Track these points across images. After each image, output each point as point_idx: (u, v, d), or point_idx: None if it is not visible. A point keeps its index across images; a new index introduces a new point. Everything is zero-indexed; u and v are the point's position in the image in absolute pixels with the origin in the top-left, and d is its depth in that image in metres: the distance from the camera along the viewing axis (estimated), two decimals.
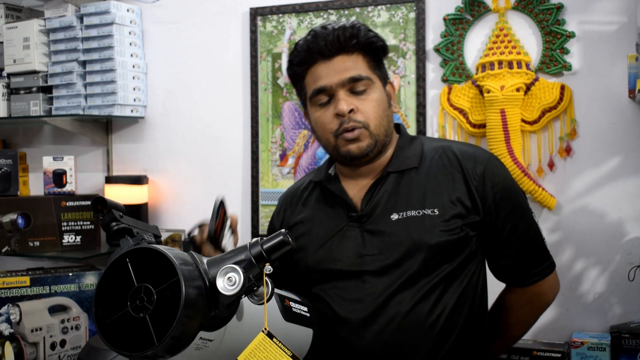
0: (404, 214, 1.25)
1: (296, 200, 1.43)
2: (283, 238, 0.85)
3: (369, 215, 1.28)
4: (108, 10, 2.40)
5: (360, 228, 1.28)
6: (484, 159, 1.30)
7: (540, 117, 1.96)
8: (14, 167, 2.53)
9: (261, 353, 0.85)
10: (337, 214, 1.32)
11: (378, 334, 1.21)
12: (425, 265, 1.22)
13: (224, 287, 0.79)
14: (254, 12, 2.35)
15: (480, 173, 1.27)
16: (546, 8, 1.96)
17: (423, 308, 1.21)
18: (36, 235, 2.36)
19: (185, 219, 2.49)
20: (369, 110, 1.26)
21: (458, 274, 1.25)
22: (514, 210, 1.29)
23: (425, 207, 1.24)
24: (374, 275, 1.24)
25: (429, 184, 1.27)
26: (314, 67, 1.28)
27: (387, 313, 1.21)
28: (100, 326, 0.79)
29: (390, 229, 1.25)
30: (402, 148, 1.33)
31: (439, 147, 1.33)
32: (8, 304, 2.05)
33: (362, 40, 1.27)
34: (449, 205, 1.24)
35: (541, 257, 1.34)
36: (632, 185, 1.90)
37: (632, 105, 1.88)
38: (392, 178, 1.30)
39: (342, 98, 1.25)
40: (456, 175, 1.27)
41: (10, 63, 2.51)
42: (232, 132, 2.42)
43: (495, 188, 1.27)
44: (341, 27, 1.27)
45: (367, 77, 1.27)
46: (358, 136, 1.26)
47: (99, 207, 0.93)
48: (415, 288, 1.22)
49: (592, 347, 1.79)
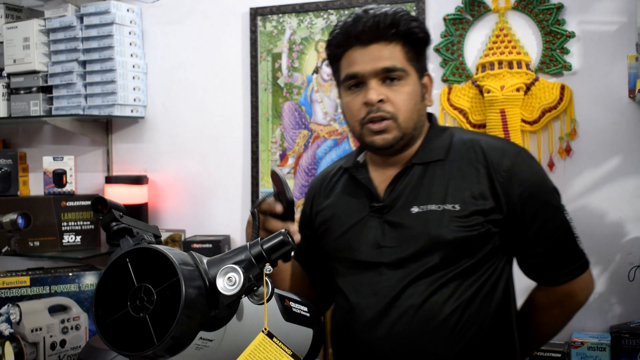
0: (424, 208, 1.23)
1: (325, 186, 1.42)
2: (283, 238, 0.85)
3: (390, 206, 1.26)
4: (108, 10, 2.40)
5: (380, 219, 1.27)
6: (513, 153, 1.25)
7: (540, 117, 1.96)
8: (14, 167, 2.53)
9: (261, 353, 0.85)
10: (361, 203, 1.31)
11: (391, 326, 1.21)
12: (442, 260, 1.20)
13: (224, 287, 0.79)
14: (254, 12, 2.35)
15: (507, 169, 1.23)
16: (546, 8, 1.96)
17: (436, 300, 1.20)
18: (36, 235, 2.36)
19: (185, 219, 2.50)
20: (400, 102, 1.23)
21: (477, 270, 1.22)
22: (543, 208, 1.25)
23: (446, 201, 1.22)
24: (390, 267, 1.23)
25: (452, 178, 1.24)
26: (350, 51, 1.25)
27: (400, 305, 1.21)
28: (100, 326, 0.79)
29: (410, 222, 1.23)
30: (430, 139, 1.30)
31: (468, 140, 1.29)
32: (8, 304, 2.05)
33: (403, 29, 1.23)
34: (471, 200, 1.21)
35: (573, 257, 1.29)
36: (632, 185, 1.90)
37: (632, 105, 1.88)
38: (416, 170, 1.27)
39: (373, 87, 1.23)
40: (481, 170, 1.24)
41: (10, 63, 2.51)
42: (232, 132, 2.42)
43: (523, 185, 1.23)
44: (382, 13, 1.23)
45: (402, 68, 1.23)
46: (385, 128, 1.23)
47: (99, 207, 0.93)
48: (429, 281, 1.20)
49: (592, 347, 1.79)
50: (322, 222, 1.38)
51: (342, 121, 2.25)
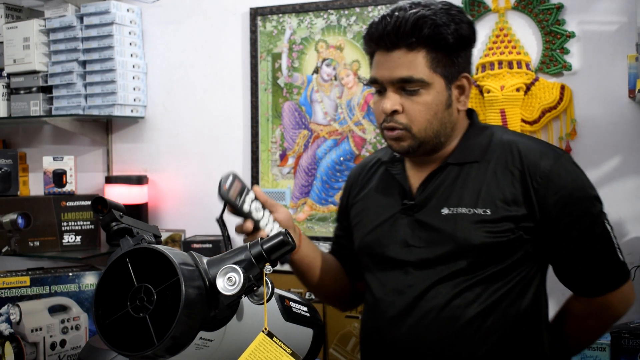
0: (455, 210, 1.20)
1: (362, 177, 1.41)
2: (283, 238, 0.85)
3: (421, 206, 1.24)
4: (108, 10, 2.40)
5: (411, 217, 1.25)
6: (552, 158, 1.19)
7: (540, 117, 1.96)
8: (14, 167, 2.53)
9: (261, 353, 0.85)
10: (393, 199, 1.29)
11: (413, 326, 1.20)
12: (468, 265, 1.18)
13: (224, 287, 0.79)
14: (254, 12, 2.35)
15: (544, 174, 1.17)
16: (546, 8, 1.96)
17: (459, 303, 1.18)
18: (36, 235, 2.36)
19: (185, 219, 2.50)
20: (416, 113, 1.19)
21: (504, 276, 1.19)
22: (580, 218, 1.19)
23: (478, 205, 1.18)
24: (416, 267, 1.22)
25: (486, 181, 1.20)
26: (377, 53, 1.21)
27: (423, 306, 1.20)
28: (100, 326, 0.79)
29: (439, 223, 1.21)
30: (468, 138, 1.26)
31: (507, 142, 1.23)
32: (8, 304, 2.05)
33: (426, 35, 1.15)
34: (502, 206, 1.17)
35: (612, 268, 1.23)
36: (632, 185, 1.90)
37: (632, 105, 1.88)
38: (451, 170, 1.24)
39: (389, 97, 1.20)
40: (516, 175, 1.19)
41: (10, 63, 2.51)
42: (232, 132, 2.42)
43: (560, 192, 1.17)
44: (404, 17, 1.15)
45: (420, 79, 1.17)
46: (398, 136, 1.21)
47: (99, 207, 0.93)
48: (454, 283, 1.19)
49: (592, 347, 1.79)
50: (356, 214, 1.37)
51: (342, 121, 2.25)
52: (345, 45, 2.24)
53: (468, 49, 1.24)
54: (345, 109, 2.24)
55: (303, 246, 1.34)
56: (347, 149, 2.25)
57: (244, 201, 1.20)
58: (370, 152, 2.19)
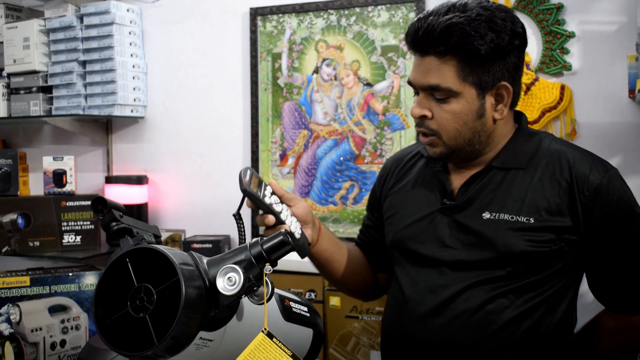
0: (497, 216, 1.18)
1: (400, 168, 1.38)
2: (283, 238, 0.85)
3: (462, 207, 1.22)
4: (108, 10, 2.40)
5: (450, 218, 1.22)
6: (602, 172, 1.18)
7: (540, 117, 1.96)
8: (14, 167, 2.53)
9: (261, 353, 0.85)
10: (433, 196, 1.27)
11: (443, 327, 1.18)
12: (507, 272, 1.16)
13: (224, 287, 0.79)
14: (254, 12, 2.35)
15: (593, 188, 1.15)
16: (546, 8, 1.96)
17: (493, 309, 1.16)
18: (36, 235, 2.36)
19: (185, 219, 2.50)
20: (444, 121, 1.17)
21: (541, 285, 1.17)
22: (626, 235, 1.17)
23: (521, 213, 1.16)
24: (451, 268, 1.20)
25: (531, 189, 1.18)
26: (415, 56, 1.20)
27: (455, 307, 1.18)
28: (100, 326, 0.79)
29: (479, 227, 1.18)
30: (514, 143, 1.23)
31: (556, 151, 1.21)
32: (8, 304, 2.05)
33: (455, 44, 1.12)
34: (547, 216, 1.15)
35: None
36: (632, 186, 1.87)
37: (632, 105, 1.88)
38: (495, 174, 1.21)
39: (419, 101, 1.19)
40: (563, 185, 1.16)
41: (10, 63, 2.51)
42: (232, 132, 2.42)
43: (607, 207, 1.15)
44: (436, 23, 1.12)
45: (448, 88, 1.14)
46: (431, 142, 1.21)
47: (99, 207, 0.93)
48: (489, 288, 1.17)
49: None
50: (390, 207, 1.35)
51: (342, 121, 2.25)
52: (345, 45, 2.24)
53: (508, 58, 1.17)
54: (345, 109, 2.24)
55: (322, 240, 1.32)
56: (347, 149, 2.25)
57: (264, 194, 1.19)
58: (370, 152, 2.19)
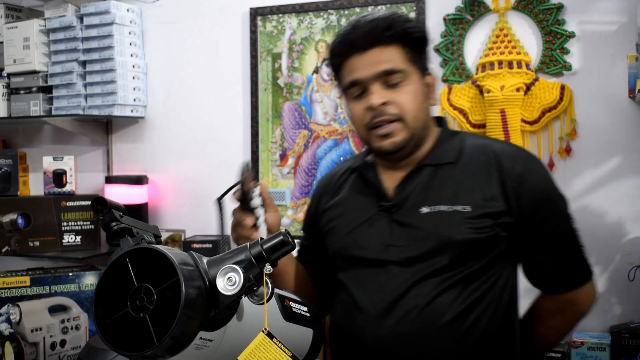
0: (434, 208, 1.23)
1: (333, 185, 1.43)
2: (283, 238, 0.85)
3: (399, 206, 1.27)
4: (108, 10, 2.40)
5: (389, 218, 1.27)
6: (525, 159, 1.27)
7: (540, 117, 1.96)
8: (14, 167, 2.53)
9: (261, 353, 0.85)
10: (369, 202, 1.31)
11: (395, 325, 1.20)
12: (451, 261, 1.21)
13: (224, 287, 0.79)
14: (254, 12, 2.35)
15: (519, 173, 1.23)
16: (546, 8, 1.96)
17: (442, 302, 1.20)
18: (36, 235, 2.36)
19: (185, 219, 2.50)
20: (405, 102, 1.23)
21: (483, 273, 1.22)
22: (552, 215, 1.25)
23: (457, 203, 1.22)
24: (397, 265, 1.23)
25: (464, 180, 1.25)
26: (350, 60, 1.26)
27: (405, 304, 1.20)
28: (100, 326, 0.79)
29: (419, 222, 1.23)
30: (441, 142, 1.31)
31: (480, 145, 1.30)
32: (8, 304, 2.05)
33: (399, 31, 1.23)
34: (482, 203, 1.22)
35: (577, 265, 1.30)
36: (632, 185, 1.90)
37: (632, 105, 1.88)
38: (427, 171, 1.28)
39: (375, 92, 1.23)
40: (493, 174, 1.24)
41: (10, 63, 2.51)
42: (232, 132, 2.42)
43: (534, 190, 1.23)
44: (376, 18, 1.24)
45: (402, 69, 1.23)
46: (392, 131, 1.24)
47: (99, 207, 0.93)
48: (436, 281, 1.21)
49: (592, 347, 1.79)
50: (329, 220, 1.38)
51: (342, 121, 2.25)
52: None
53: (427, 46, 1.32)
54: (345, 109, 2.24)
55: None
56: (347, 149, 2.25)
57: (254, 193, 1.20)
58: None
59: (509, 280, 1.27)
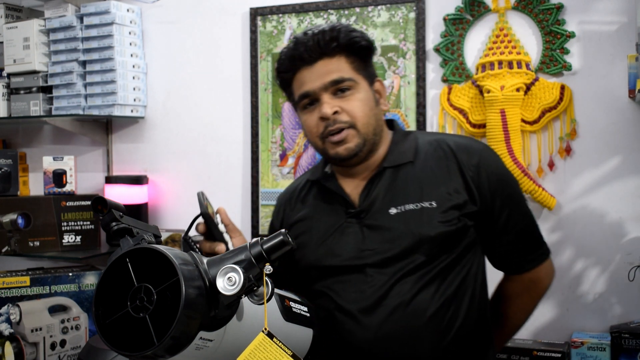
0: (402, 208, 1.26)
1: (294, 200, 1.44)
2: (283, 238, 0.85)
3: (367, 210, 1.29)
4: (108, 10, 2.40)
5: (359, 224, 1.29)
6: (478, 149, 1.31)
7: (540, 117, 1.96)
8: (14, 167, 2.53)
9: (261, 353, 0.86)
10: (336, 211, 1.33)
11: (380, 324, 1.22)
12: (427, 257, 1.23)
13: (224, 287, 0.79)
14: (254, 12, 2.35)
15: (475, 163, 1.28)
16: (546, 8, 1.96)
17: (423, 298, 1.22)
18: (36, 235, 2.36)
19: (185, 219, 2.47)
20: (354, 109, 1.27)
21: (457, 264, 1.26)
22: (509, 199, 1.31)
23: (423, 199, 1.26)
24: (375, 267, 1.25)
25: (425, 177, 1.28)
26: (298, 74, 1.30)
27: (388, 303, 1.22)
28: (100, 326, 0.79)
29: (390, 223, 1.26)
30: (396, 143, 1.35)
31: (434, 141, 1.34)
32: (8, 304, 2.05)
33: (343, 42, 1.28)
34: (446, 196, 1.26)
35: (536, 244, 1.37)
36: (632, 185, 1.90)
37: (632, 105, 1.88)
38: (388, 173, 1.31)
39: (326, 101, 1.27)
40: (452, 167, 1.28)
41: (10, 63, 2.51)
42: (232, 132, 2.42)
43: (491, 177, 1.28)
44: (320, 31, 1.28)
45: (350, 78, 1.28)
46: (345, 137, 1.27)
47: (99, 207, 0.93)
48: (415, 278, 1.23)
49: (592, 347, 1.79)
50: (296, 236, 1.38)
51: None
52: None
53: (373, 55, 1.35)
54: None
55: None
56: None
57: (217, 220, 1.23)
58: None
59: (479, 267, 1.32)
